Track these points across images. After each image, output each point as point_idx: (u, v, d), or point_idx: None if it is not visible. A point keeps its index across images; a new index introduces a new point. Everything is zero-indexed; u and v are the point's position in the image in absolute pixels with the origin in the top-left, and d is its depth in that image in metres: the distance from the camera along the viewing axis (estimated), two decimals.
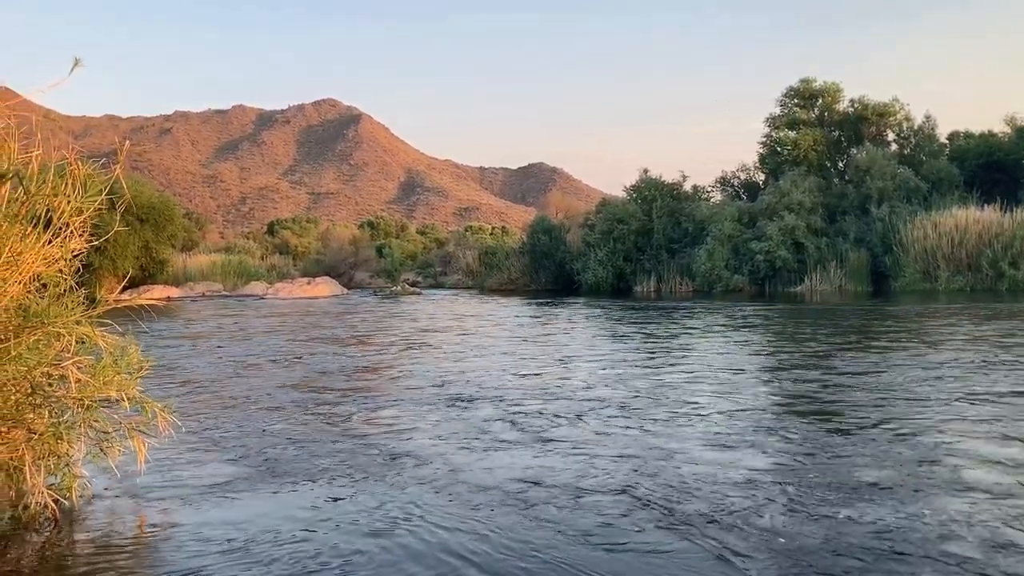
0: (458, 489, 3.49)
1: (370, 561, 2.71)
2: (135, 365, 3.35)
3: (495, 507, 3.23)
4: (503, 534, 2.93)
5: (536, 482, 3.57)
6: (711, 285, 23.58)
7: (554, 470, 3.78)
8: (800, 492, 3.33)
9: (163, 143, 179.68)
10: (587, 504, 3.24)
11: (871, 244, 22.28)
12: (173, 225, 27.38)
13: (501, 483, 3.57)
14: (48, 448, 3.15)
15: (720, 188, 29.12)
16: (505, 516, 3.12)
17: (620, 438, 4.43)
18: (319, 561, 2.71)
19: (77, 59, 3.22)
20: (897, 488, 3.35)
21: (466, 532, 2.96)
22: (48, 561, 2.74)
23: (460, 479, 3.65)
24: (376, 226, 59.91)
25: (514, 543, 2.84)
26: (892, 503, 3.16)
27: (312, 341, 10.50)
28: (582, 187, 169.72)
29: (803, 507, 3.13)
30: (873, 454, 3.94)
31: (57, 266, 3.23)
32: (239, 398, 6.02)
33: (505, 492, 3.43)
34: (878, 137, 26.16)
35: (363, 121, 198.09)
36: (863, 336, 9.77)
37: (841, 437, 4.33)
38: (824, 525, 2.93)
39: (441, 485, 3.57)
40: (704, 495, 3.32)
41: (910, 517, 2.98)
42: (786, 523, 2.96)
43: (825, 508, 3.12)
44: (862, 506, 3.13)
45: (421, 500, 3.35)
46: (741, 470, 3.69)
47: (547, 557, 2.70)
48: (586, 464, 3.88)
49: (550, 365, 7.69)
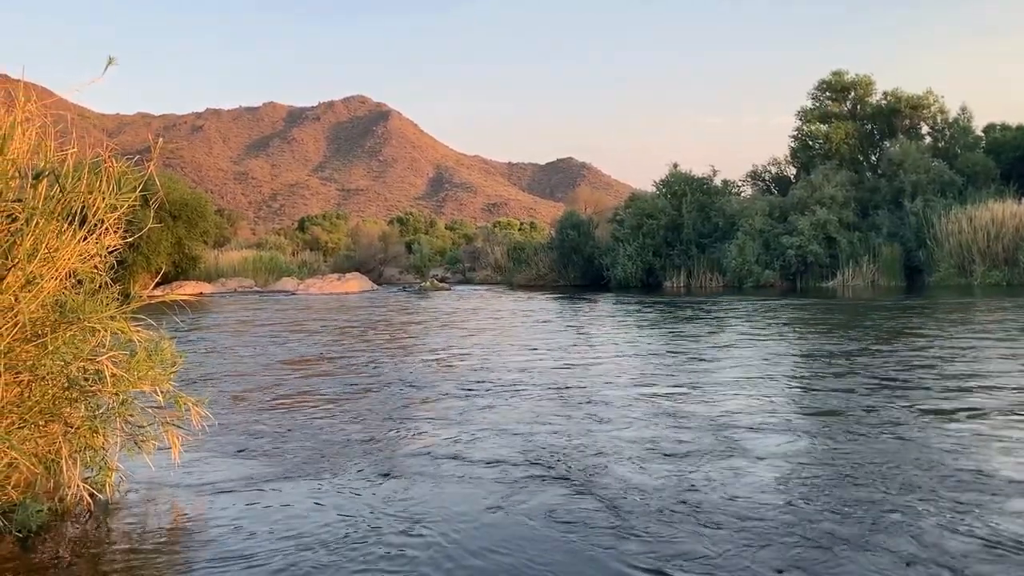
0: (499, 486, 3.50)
1: (410, 549, 2.71)
2: (169, 360, 3.39)
3: (545, 502, 3.24)
4: (549, 529, 2.93)
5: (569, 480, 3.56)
6: (741, 280, 23.40)
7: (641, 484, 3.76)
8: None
9: (195, 140, 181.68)
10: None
11: (904, 238, 21.98)
12: (205, 221, 27.60)
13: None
14: (84, 441, 3.19)
15: (750, 182, 28.90)
16: (538, 515, 3.12)
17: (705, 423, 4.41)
18: (361, 553, 2.71)
19: (111, 58, 3.26)
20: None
21: (510, 524, 2.96)
22: (85, 552, 2.79)
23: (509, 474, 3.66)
24: (405, 222, 60.22)
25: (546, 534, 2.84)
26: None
27: (345, 336, 10.57)
28: (611, 182, 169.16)
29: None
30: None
31: (92, 262, 3.27)
32: (274, 391, 6.07)
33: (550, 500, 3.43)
34: (912, 130, 25.78)
35: (392, 117, 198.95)
36: (914, 330, 9.65)
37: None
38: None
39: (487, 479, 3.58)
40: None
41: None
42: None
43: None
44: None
45: (463, 491, 3.36)
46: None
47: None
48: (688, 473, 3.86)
49: (603, 361, 7.67)
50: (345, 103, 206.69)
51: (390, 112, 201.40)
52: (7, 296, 2.91)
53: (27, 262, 2.98)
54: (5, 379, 2.93)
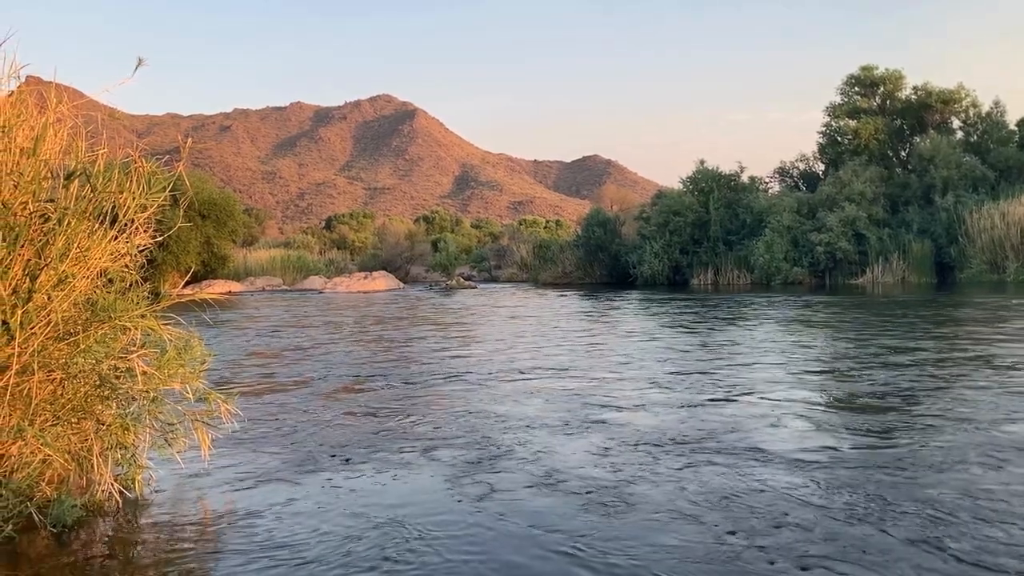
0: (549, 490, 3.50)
1: (445, 541, 2.72)
2: (199, 358, 3.42)
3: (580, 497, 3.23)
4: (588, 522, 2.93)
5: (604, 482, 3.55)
6: (769, 277, 23.22)
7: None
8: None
9: (223, 140, 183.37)
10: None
11: (935, 235, 21.69)
12: (234, 221, 27.85)
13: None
14: (115, 439, 3.23)
15: (778, 179, 28.66)
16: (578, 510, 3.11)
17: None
18: (388, 549, 2.72)
19: (140, 59, 3.30)
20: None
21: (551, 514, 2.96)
22: (117, 548, 2.82)
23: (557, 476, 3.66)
24: (431, 220, 60.38)
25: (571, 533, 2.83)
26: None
27: (375, 333, 10.62)
28: (637, 179, 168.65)
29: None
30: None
31: (123, 261, 3.31)
32: (304, 386, 6.11)
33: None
34: (943, 125, 25.42)
35: (418, 116, 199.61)
36: (964, 327, 9.53)
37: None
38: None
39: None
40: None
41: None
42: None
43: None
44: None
45: (500, 484, 3.36)
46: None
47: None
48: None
49: (646, 361, 7.64)
50: (371, 102, 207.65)
51: (416, 111, 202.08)
52: (40, 295, 2.95)
53: (59, 261, 3.02)
54: (39, 377, 2.97)
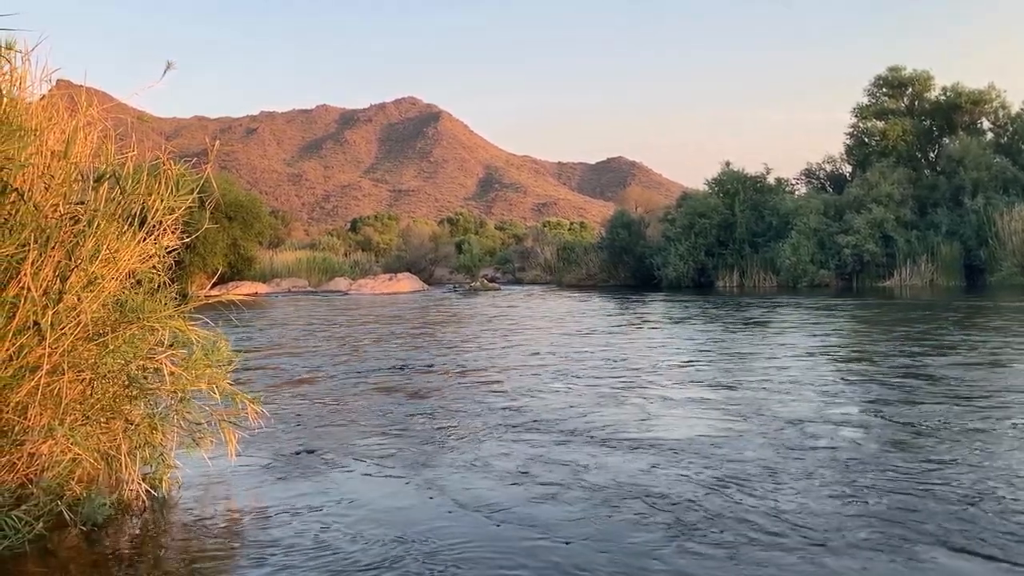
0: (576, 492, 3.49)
1: (474, 543, 2.72)
2: (225, 358, 3.45)
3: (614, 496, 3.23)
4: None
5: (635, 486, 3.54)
6: (796, 280, 23.04)
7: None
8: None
9: (250, 142, 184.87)
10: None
11: (964, 237, 21.41)
12: (260, 223, 28.03)
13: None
14: (144, 438, 3.26)
15: (805, 180, 28.46)
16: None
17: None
18: (417, 548, 2.73)
19: (169, 62, 3.33)
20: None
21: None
22: (146, 546, 2.84)
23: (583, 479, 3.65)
24: (455, 222, 60.51)
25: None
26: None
27: (401, 333, 10.65)
28: (662, 181, 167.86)
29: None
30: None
31: (151, 263, 3.35)
32: (331, 386, 6.14)
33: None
34: (972, 126, 25.10)
35: (442, 118, 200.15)
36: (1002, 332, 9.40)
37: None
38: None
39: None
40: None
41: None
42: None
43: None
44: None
45: (528, 489, 3.36)
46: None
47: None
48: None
49: (701, 364, 7.62)
50: (396, 105, 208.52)
51: (440, 113, 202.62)
52: (71, 296, 2.99)
53: (89, 263, 3.05)
54: (69, 377, 3.01)
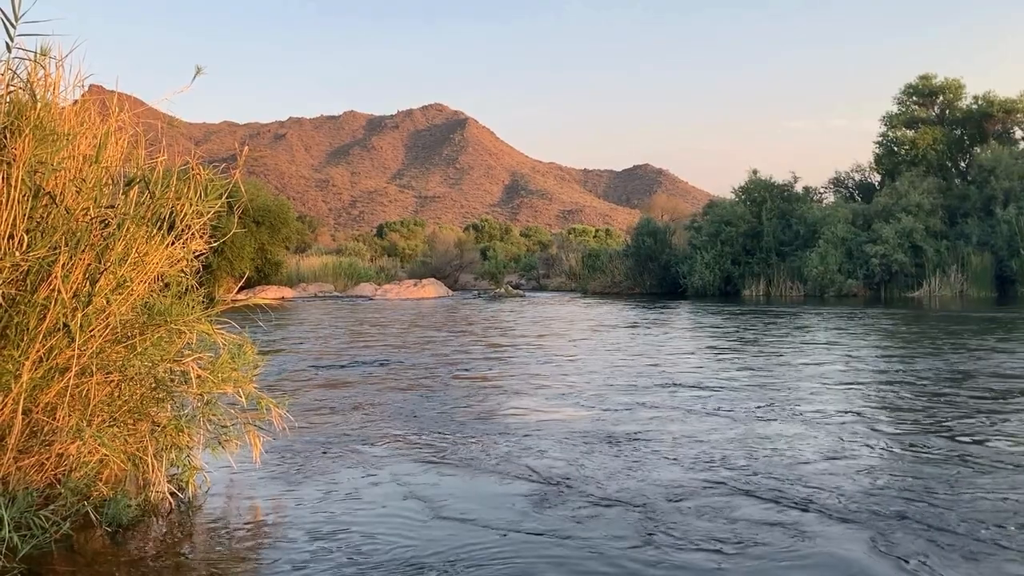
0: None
1: (502, 546, 2.71)
2: (251, 362, 3.48)
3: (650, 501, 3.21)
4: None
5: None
6: (823, 289, 22.84)
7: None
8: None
9: (278, 148, 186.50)
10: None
11: (996, 247, 21.14)
12: (287, 227, 28.23)
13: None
14: (170, 440, 3.29)
15: (833, 189, 28.31)
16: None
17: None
18: (441, 557, 2.72)
19: (199, 68, 3.37)
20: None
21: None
22: (171, 547, 2.86)
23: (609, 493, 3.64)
24: (481, 229, 60.67)
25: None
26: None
27: (426, 339, 10.67)
28: (688, 188, 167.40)
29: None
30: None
31: (179, 266, 3.38)
32: (355, 389, 6.16)
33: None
34: (1005, 135, 24.80)
35: (469, 125, 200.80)
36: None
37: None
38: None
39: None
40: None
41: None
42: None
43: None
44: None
45: (566, 497, 3.35)
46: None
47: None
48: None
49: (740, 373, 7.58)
50: (423, 111, 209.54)
51: (467, 120, 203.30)
52: (100, 299, 3.02)
53: (118, 266, 3.09)
54: (97, 379, 3.04)
